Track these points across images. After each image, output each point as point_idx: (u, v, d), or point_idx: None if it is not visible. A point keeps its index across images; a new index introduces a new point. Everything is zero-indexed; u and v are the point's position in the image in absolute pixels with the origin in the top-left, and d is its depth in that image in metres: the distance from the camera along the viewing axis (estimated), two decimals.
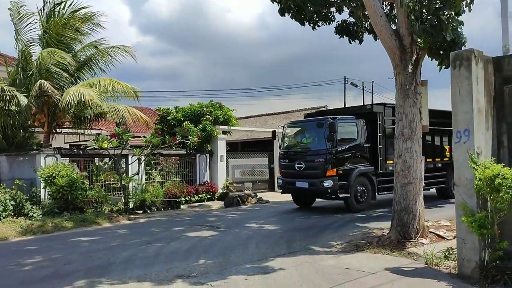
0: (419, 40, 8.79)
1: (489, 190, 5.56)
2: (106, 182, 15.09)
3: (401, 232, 8.65)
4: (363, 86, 32.59)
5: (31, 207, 12.50)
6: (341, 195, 12.84)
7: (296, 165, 13.45)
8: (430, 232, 9.23)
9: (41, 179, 12.78)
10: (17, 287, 6.30)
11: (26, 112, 14.30)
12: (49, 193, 12.95)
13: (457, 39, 8.38)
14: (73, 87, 13.38)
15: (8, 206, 12.12)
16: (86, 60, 15.16)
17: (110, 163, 15.46)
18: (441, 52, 8.77)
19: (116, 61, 14.97)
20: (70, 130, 17.45)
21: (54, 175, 12.55)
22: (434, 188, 16.34)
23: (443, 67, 8.65)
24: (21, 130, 15.99)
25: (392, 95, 36.12)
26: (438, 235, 9.07)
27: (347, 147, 13.27)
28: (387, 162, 13.91)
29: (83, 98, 12.50)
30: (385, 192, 14.26)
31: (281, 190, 14.96)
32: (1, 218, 11.80)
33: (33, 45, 14.65)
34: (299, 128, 14.92)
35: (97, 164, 15.33)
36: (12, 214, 12.14)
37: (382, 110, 13.89)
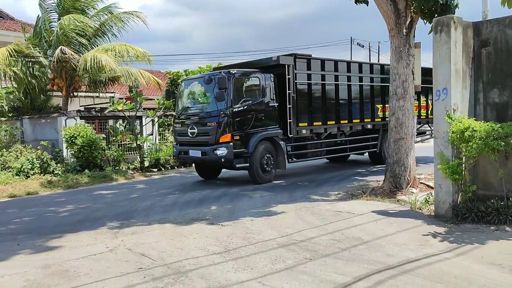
0: (413, 4, 9.37)
1: (461, 141, 6.40)
2: (122, 143, 16.11)
3: (393, 182, 9.53)
4: (369, 46, 32.91)
5: (56, 166, 13.62)
6: (238, 165, 10.90)
7: (189, 130, 11.32)
8: (421, 183, 10.11)
9: (64, 139, 13.83)
10: (58, 228, 7.37)
11: (46, 76, 15.20)
12: (72, 152, 14.02)
13: (449, 2, 8.96)
14: (89, 53, 14.19)
15: (35, 165, 13.25)
16: (100, 25, 15.85)
17: (125, 124, 16.43)
18: (435, 15, 9.35)
19: (129, 26, 15.67)
20: (86, 94, 18.42)
21: (75, 135, 13.58)
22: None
23: None
24: (41, 94, 16.99)
25: None
26: (428, 185, 9.92)
27: (246, 107, 11.06)
28: (300, 124, 11.76)
29: (101, 63, 13.31)
30: (300, 160, 12.65)
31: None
32: (30, 175, 12.96)
33: (52, 12, 15.41)
34: (194, 86, 12.23)
35: (112, 125, 16.34)
36: (39, 172, 13.27)
37: (293, 62, 11.51)
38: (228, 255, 5.43)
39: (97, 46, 15.72)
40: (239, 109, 10.92)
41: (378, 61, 30.38)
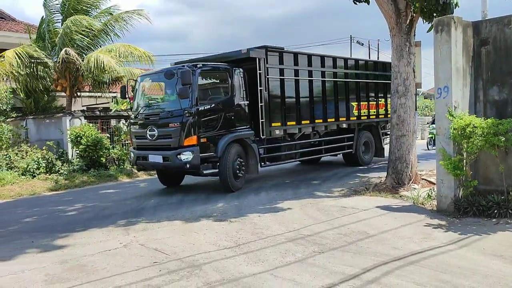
0: (413, 3, 9.57)
1: (462, 137, 6.60)
2: (126, 142, 16.26)
3: (395, 179, 9.73)
4: (369, 44, 33.08)
5: (61, 165, 13.79)
6: (206, 171, 9.70)
7: (148, 132, 9.91)
8: (423, 179, 10.32)
9: (69, 139, 14.00)
10: (69, 226, 7.55)
11: (50, 77, 15.40)
12: (77, 152, 14.19)
13: (449, 2, 9.16)
14: (93, 53, 14.38)
15: (41, 164, 13.41)
16: (103, 26, 16.03)
17: (127, 123, 16.59)
18: (435, 14, 9.55)
19: (131, 25, 15.83)
20: (88, 94, 18.61)
21: (80, 135, 13.75)
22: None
23: None
24: (45, 94, 17.16)
25: None
26: (429, 181, 10.13)
27: (213, 105, 9.87)
28: (273, 124, 10.69)
29: (103, 64, 13.50)
30: (273, 163, 11.51)
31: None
32: (36, 175, 13.12)
33: (56, 13, 15.61)
34: (153, 82, 11.15)
35: (115, 125, 16.49)
36: (45, 171, 13.43)
37: (264, 55, 10.38)
38: (239, 249, 5.63)
39: (100, 46, 15.89)
40: (205, 107, 9.68)
41: (378, 59, 30.48)
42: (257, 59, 10.29)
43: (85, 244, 6.35)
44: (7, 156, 13.60)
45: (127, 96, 11.40)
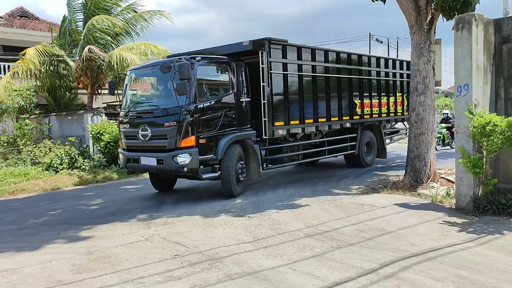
0: (433, 1, 9.52)
1: (482, 136, 6.59)
2: None
3: (413, 177, 9.71)
4: (388, 42, 32.82)
5: (83, 161, 14.12)
6: (205, 175, 8.75)
7: (140, 132, 8.93)
8: (441, 177, 10.27)
9: (90, 135, 14.32)
10: (92, 219, 7.78)
11: (72, 75, 15.77)
12: (98, 148, 14.51)
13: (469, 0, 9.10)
14: (115, 51, 14.70)
15: (63, 160, 13.76)
16: (125, 25, 16.35)
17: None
18: (456, 12, 9.49)
19: (151, 25, 16.12)
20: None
21: (101, 132, 14.06)
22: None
23: None
24: (67, 92, 17.56)
25: None
26: (448, 180, 10.08)
27: (213, 102, 9.02)
28: (276, 123, 9.81)
29: (126, 61, 13.78)
30: (275, 166, 10.67)
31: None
32: (59, 170, 13.47)
33: (78, 12, 16.00)
34: (146, 76, 10.20)
35: None
36: (67, 167, 13.77)
37: (267, 48, 9.50)
38: (258, 244, 5.74)
39: (121, 45, 16.21)
40: (204, 105, 8.74)
41: (397, 57, 30.21)
42: (260, 52, 9.42)
43: (109, 236, 6.55)
44: (31, 152, 13.99)
45: (115, 92, 10.82)
